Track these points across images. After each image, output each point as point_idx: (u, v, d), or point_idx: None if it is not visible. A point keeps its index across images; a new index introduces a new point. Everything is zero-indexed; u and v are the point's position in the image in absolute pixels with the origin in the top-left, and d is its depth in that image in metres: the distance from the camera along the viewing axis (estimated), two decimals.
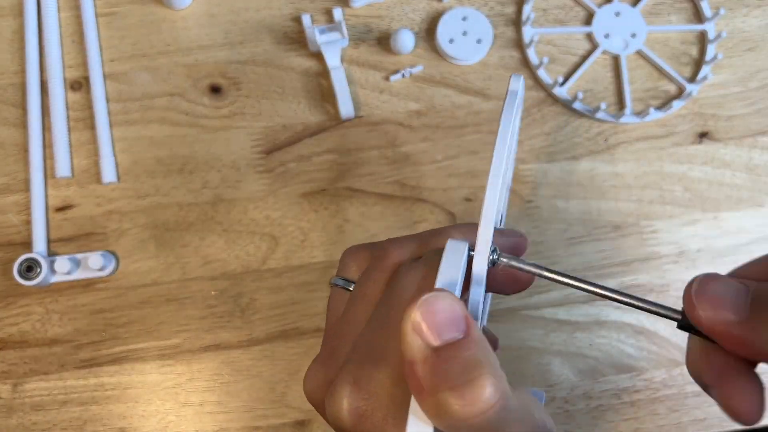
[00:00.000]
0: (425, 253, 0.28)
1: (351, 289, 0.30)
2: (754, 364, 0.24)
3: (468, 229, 0.29)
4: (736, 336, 0.22)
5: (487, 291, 0.27)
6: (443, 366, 0.21)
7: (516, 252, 0.30)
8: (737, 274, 0.24)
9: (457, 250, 0.25)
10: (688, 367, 0.26)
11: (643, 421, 0.45)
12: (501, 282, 0.28)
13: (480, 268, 0.25)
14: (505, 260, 0.26)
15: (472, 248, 0.25)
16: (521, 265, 0.26)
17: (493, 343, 0.31)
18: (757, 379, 0.23)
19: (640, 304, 0.25)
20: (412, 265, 0.28)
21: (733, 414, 0.23)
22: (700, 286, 0.23)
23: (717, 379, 0.24)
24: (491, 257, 0.25)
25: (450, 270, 0.24)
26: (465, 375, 0.20)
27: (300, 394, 0.45)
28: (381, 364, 0.25)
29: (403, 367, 0.22)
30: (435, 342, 0.21)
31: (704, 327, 0.23)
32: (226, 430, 0.44)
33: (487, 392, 0.20)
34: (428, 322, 0.21)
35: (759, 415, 0.23)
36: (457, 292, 0.24)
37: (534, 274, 0.26)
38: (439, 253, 0.25)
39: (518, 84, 0.27)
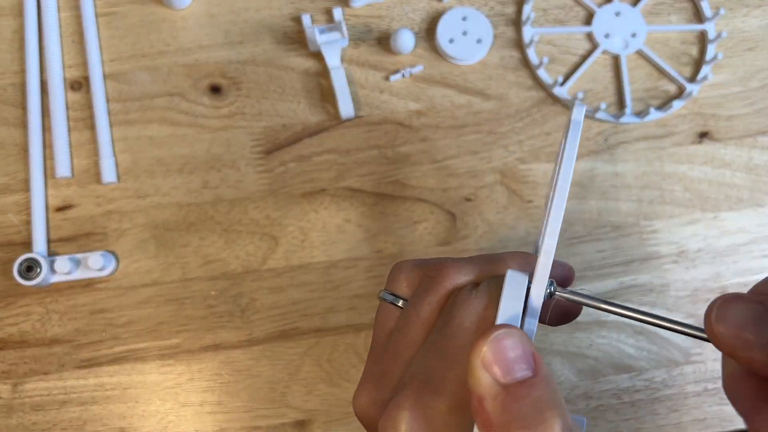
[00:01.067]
0: (483, 281, 0.28)
1: (400, 305, 0.30)
2: None
3: (523, 259, 0.29)
4: (759, 361, 0.21)
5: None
6: (514, 405, 0.21)
7: (564, 284, 0.30)
8: (757, 290, 0.23)
9: (518, 282, 0.25)
10: (725, 391, 0.25)
11: (643, 421, 0.45)
12: (551, 314, 0.28)
13: (537, 300, 0.25)
14: (560, 293, 0.26)
15: (529, 279, 0.25)
16: (578, 299, 0.26)
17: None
18: None
19: (693, 332, 0.24)
20: (471, 292, 0.27)
21: None
22: (720, 312, 0.22)
23: (750, 405, 0.23)
24: (548, 290, 0.26)
25: (512, 303, 0.25)
26: (536, 415, 0.20)
27: (300, 394, 0.45)
28: (440, 393, 0.25)
29: (467, 399, 0.22)
30: (505, 379, 0.21)
31: (728, 354, 0.22)
32: (226, 430, 0.44)
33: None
34: (498, 358, 0.21)
35: None
36: (519, 326, 0.24)
37: (591, 306, 0.26)
38: (497, 282, 0.25)
39: (581, 114, 0.27)
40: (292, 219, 0.46)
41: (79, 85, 0.47)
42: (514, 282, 0.25)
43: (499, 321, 0.24)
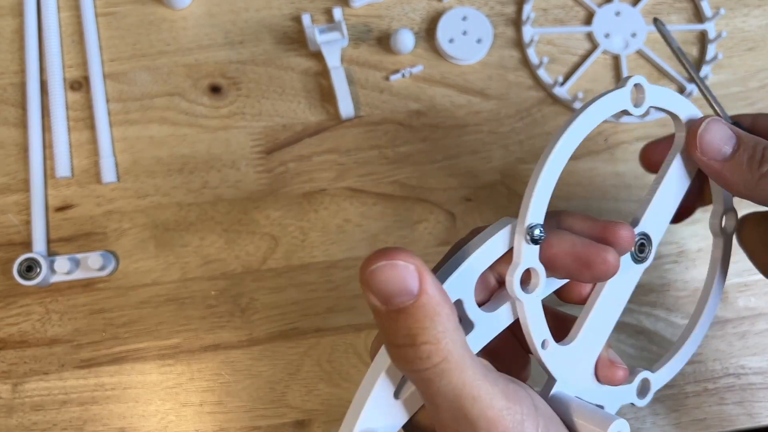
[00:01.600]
0: None
1: None
2: None
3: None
4: (717, 172, 0.29)
5: (555, 276, 0.28)
6: (390, 329, 0.23)
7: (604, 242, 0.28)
8: (744, 120, 0.31)
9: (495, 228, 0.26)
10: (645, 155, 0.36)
11: (643, 421, 0.45)
12: (567, 267, 0.27)
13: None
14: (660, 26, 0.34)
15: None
16: (667, 35, 0.35)
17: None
18: None
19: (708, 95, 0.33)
20: None
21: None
22: (705, 128, 0.29)
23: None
24: (532, 233, 0.26)
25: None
26: (407, 339, 0.23)
27: (300, 393, 0.45)
28: None
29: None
30: (384, 307, 0.23)
31: (697, 161, 0.30)
32: (226, 430, 0.44)
33: (424, 354, 0.23)
34: (376, 288, 0.23)
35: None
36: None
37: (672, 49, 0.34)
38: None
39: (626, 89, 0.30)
40: (292, 219, 0.46)
41: (79, 84, 0.48)
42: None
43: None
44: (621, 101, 0.28)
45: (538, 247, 0.26)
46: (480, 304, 0.27)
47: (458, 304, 0.26)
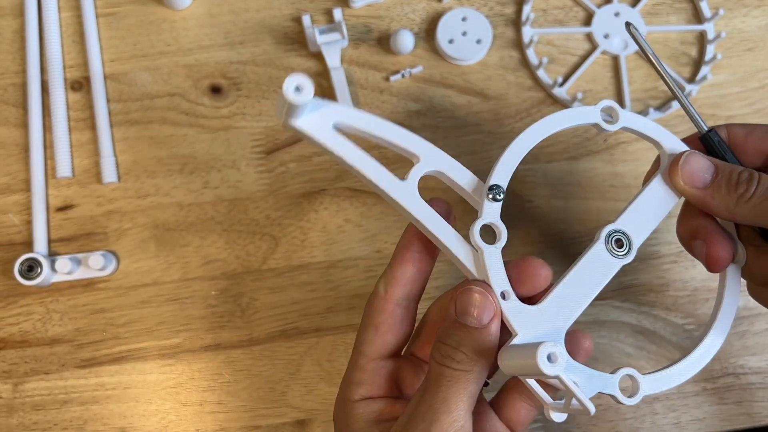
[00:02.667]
0: None
1: None
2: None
3: None
4: (700, 198, 0.32)
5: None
6: (449, 330, 0.31)
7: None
8: (724, 130, 0.34)
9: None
10: (678, 228, 0.36)
11: (642, 420, 0.45)
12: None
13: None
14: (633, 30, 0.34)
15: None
16: (640, 40, 0.35)
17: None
18: (729, 237, 0.34)
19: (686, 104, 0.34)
20: None
21: (711, 259, 0.33)
22: (685, 161, 0.33)
23: (702, 232, 0.34)
24: (493, 193, 0.33)
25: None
26: (454, 343, 0.31)
27: (300, 393, 0.45)
28: None
29: None
30: (453, 316, 0.31)
31: (680, 190, 0.33)
32: (227, 430, 0.44)
33: (458, 357, 0.30)
34: (457, 302, 0.32)
35: (728, 261, 0.33)
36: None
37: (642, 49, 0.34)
38: None
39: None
40: (292, 219, 0.46)
41: (80, 85, 0.48)
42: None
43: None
44: (591, 116, 0.34)
45: (499, 204, 0.32)
46: None
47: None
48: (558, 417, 0.32)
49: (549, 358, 0.27)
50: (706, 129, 0.34)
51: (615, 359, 0.46)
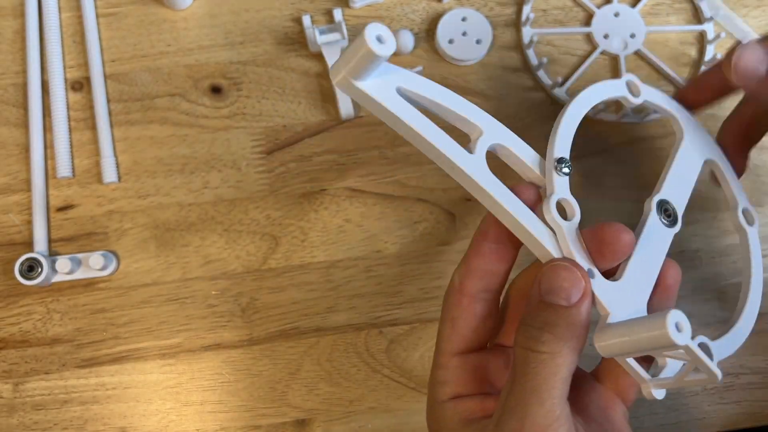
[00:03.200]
0: None
1: None
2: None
3: None
4: (755, 90, 0.34)
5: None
6: (534, 311, 0.29)
7: (600, 246, 0.30)
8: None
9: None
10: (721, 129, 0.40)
11: (642, 420, 0.45)
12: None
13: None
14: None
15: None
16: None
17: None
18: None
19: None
20: None
21: None
22: (739, 57, 0.33)
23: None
24: (560, 166, 0.31)
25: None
26: (540, 324, 0.29)
27: (300, 393, 0.45)
28: None
29: None
30: (538, 296, 0.29)
31: (737, 80, 0.34)
32: (227, 429, 0.44)
33: (543, 338, 0.28)
34: (544, 279, 0.29)
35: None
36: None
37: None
38: None
39: None
40: (293, 219, 0.46)
41: (80, 85, 0.48)
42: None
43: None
44: (618, 89, 0.35)
45: (567, 178, 0.31)
46: None
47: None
48: (660, 394, 0.30)
49: (677, 327, 0.26)
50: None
51: None
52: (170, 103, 0.47)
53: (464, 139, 0.32)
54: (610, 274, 0.31)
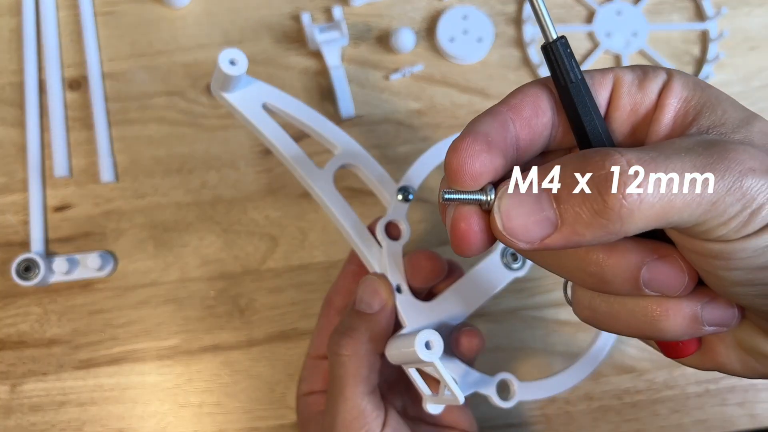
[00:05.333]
0: None
1: None
2: None
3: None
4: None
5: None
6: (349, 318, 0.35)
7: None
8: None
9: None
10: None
11: (644, 422, 0.45)
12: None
13: None
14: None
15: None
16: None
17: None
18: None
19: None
20: None
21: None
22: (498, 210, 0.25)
23: None
24: (404, 193, 0.36)
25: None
26: (344, 329, 0.34)
27: None
28: None
29: None
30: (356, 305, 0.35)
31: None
32: (225, 431, 0.44)
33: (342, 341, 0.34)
34: (358, 293, 0.35)
35: None
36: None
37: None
38: None
39: None
40: (292, 219, 0.46)
41: (78, 84, 0.47)
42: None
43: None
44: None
45: (407, 205, 0.35)
46: None
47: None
48: (434, 408, 0.33)
49: (427, 345, 0.29)
50: (555, 36, 0.22)
51: (617, 360, 0.46)
52: (168, 102, 0.47)
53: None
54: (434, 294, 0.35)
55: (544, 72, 0.48)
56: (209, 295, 0.45)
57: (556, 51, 0.22)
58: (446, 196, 0.21)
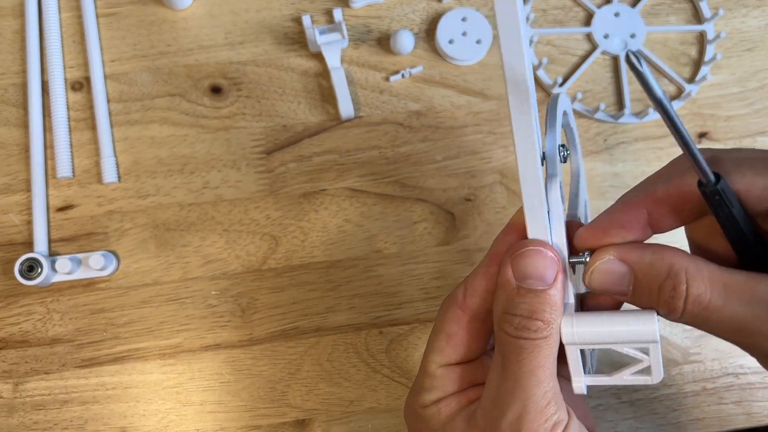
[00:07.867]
0: None
1: None
2: None
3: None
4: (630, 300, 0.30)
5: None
6: (514, 300, 0.29)
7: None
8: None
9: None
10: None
11: (642, 420, 0.45)
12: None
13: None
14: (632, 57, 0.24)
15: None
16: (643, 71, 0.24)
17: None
18: None
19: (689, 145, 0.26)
20: None
21: None
22: (592, 277, 0.30)
23: None
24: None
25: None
26: (525, 312, 0.29)
27: (300, 393, 0.45)
28: None
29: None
30: (514, 283, 0.29)
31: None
32: (227, 430, 0.44)
33: (533, 327, 0.29)
34: (515, 266, 0.29)
35: None
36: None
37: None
38: None
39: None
40: (293, 219, 0.46)
41: (80, 85, 0.48)
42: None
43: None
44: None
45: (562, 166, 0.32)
46: None
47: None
48: (582, 389, 0.30)
49: None
50: (713, 179, 0.26)
51: (615, 359, 0.46)
52: (170, 103, 0.47)
53: None
54: None
55: (544, 72, 0.49)
56: (211, 295, 0.45)
57: (719, 196, 0.27)
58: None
